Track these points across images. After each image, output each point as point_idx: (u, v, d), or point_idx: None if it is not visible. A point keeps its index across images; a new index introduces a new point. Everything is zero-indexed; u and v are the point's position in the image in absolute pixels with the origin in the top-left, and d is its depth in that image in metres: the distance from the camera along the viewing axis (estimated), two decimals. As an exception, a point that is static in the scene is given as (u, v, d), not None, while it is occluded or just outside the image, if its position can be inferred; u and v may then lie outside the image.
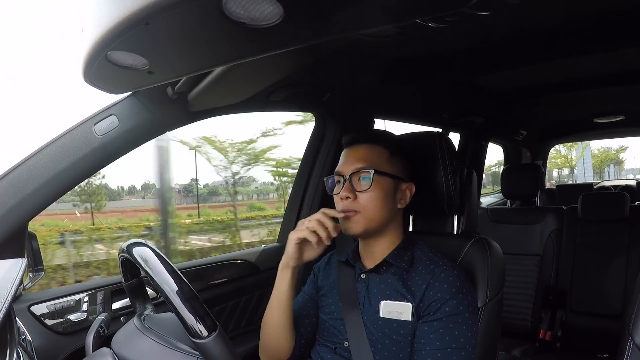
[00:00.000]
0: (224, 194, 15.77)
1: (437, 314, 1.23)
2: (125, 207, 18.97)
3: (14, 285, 0.96)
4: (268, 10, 0.77)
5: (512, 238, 3.07)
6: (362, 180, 1.33)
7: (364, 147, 1.38)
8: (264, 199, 17.46)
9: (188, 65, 1.12)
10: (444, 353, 1.20)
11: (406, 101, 2.52)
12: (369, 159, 1.35)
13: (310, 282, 1.57)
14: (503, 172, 3.37)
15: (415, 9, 0.83)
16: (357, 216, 1.32)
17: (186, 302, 0.90)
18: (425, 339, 1.23)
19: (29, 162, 1.37)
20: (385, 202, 1.34)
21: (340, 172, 1.38)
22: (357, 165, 1.34)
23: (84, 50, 0.95)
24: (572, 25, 1.61)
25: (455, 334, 1.21)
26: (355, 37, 1.32)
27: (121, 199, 22.07)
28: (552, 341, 2.84)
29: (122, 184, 26.54)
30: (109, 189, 29.39)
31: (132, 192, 26.47)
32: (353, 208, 1.32)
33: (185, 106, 1.59)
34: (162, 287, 0.93)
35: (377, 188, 1.32)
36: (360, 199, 1.32)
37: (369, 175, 1.32)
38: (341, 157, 1.42)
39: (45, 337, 1.42)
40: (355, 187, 1.33)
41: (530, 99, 2.85)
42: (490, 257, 1.41)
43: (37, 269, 1.46)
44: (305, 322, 1.48)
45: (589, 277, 2.92)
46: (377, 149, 1.38)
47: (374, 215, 1.33)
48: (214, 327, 0.90)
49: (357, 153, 1.37)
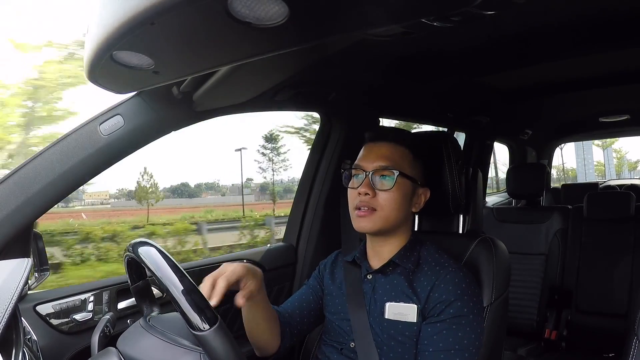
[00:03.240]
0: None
1: (441, 316, 1.23)
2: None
3: (19, 285, 0.97)
4: (273, 10, 0.77)
5: (517, 237, 3.07)
6: (383, 179, 1.31)
7: (389, 145, 1.36)
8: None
9: (193, 65, 1.12)
10: (446, 354, 1.20)
11: (412, 101, 2.51)
12: (393, 159, 1.33)
13: (314, 277, 1.57)
14: (509, 172, 3.37)
15: (421, 9, 0.83)
16: (374, 215, 1.30)
17: (187, 295, 0.90)
18: (428, 340, 1.23)
19: (34, 162, 1.37)
20: (402, 204, 1.33)
21: (362, 167, 1.34)
22: (380, 162, 1.32)
23: (90, 50, 0.95)
24: (577, 25, 1.60)
25: (458, 335, 1.21)
26: (360, 37, 1.31)
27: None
28: (558, 340, 2.84)
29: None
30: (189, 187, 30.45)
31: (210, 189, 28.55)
32: (370, 205, 1.30)
33: (191, 106, 1.59)
34: (164, 281, 0.93)
35: (398, 190, 1.30)
36: (379, 198, 1.30)
37: (392, 175, 1.30)
38: (362, 151, 1.39)
39: (50, 337, 1.43)
40: (376, 184, 1.31)
41: (536, 98, 2.84)
42: (495, 257, 1.40)
43: (43, 268, 1.47)
44: (302, 316, 1.48)
45: (594, 276, 2.92)
46: (402, 149, 1.36)
47: (390, 215, 1.31)
48: (215, 320, 0.90)
49: (381, 150, 1.35)
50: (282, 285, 2.17)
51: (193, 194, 34.28)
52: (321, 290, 1.52)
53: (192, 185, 35.20)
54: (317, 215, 2.23)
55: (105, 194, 45.22)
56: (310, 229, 2.24)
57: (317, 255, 2.19)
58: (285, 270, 2.20)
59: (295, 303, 1.51)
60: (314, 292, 1.52)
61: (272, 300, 2.09)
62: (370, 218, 1.31)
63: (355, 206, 1.33)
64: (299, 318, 1.47)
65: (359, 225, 1.33)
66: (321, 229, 2.23)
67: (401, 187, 1.31)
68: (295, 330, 1.46)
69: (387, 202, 1.30)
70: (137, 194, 22.30)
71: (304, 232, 2.25)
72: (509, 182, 3.32)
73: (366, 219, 1.31)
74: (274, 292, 2.13)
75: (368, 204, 1.30)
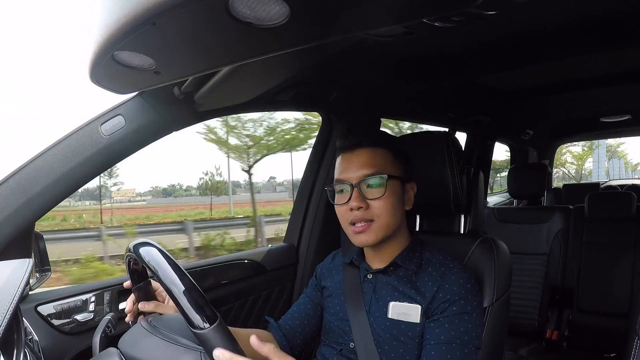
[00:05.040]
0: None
1: (444, 312, 1.23)
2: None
3: (20, 285, 0.97)
4: (274, 10, 0.77)
5: (518, 237, 3.07)
6: (372, 188, 1.26)
7: (367, 151, 1.29)
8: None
9: (195, 65, 1.12)
10: (448, 347, 1.18)
11: (413, 101, 2.51)
12: (376, 164, 1.27)
13: (311, 286, 1.56)
14: (510, 172, 3.37)
15: (422, 9, 0.83)
16: (372, 226, 1.26)
17: (187, 294, 0.90)
18: (430, 334, 1.22)
19: (35, 162, 1.37)
20: (397, 207, 1.29)
21: (345, 180, 1.28)
22: (364, 171, 1.26)
23: (91, 50, 0.95)
24: (578, 24, 1.60)
25: (460, 330, 1.20)
26: (361, 37, 1.31)
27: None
28: (559, 340, 2.84)
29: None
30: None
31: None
32: (366, 218, 1.25)
33: (192, 106, 1.59)
34: (164, 280, 0.93)
35: (390, 194, 1.25)
36: (373, 207, 1.25)
37: (380, 181, 1.25)
38: (340, 164, 1.33)
39: (52, 338, 1.43)
40: (366, 194, 1.25)
41: (537, 98, 2.84)
42: (497, 257, 1.40)
43: (44, 269, 1.47)
44: (303, 331, 1.48)
45: (595, 276, 2.92)
46: (381, 151, 1.30)
47: (389, 222, 1.27)
48: (214, 318, 0.90)
49: (361, 158, 1.28)
50: (283, 285, 2.17)
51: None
52: (320, 296, 1.51)
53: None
54: (319, 215, 2.23)
55: (132, 192, 45.85)
56: (311, 229, 2.24)
57: (318, 255, 2.18)
58: (287, 270, 2.20)
59: (295, 314, 1.51)
60: (312, 301, 1.52)
61: (274, 300, 2.11)
62: (370, 231, 1.26)
63: (349, 222, 1.28)
64: (299, 333, 1.47)
65: (359, 241, 1.29)
66: (322, 228, 2.23)
67: (392, 190, 1.27)
68: (296, 343, 1.47)
69: (382, 210, 1.25)
70: (211, 187, 26.45)
71: (305, 232, 2.25)
72: (510, 182, 3.32)
73: (365, 234, 1.26)
74: (275, 292, 2.13)
75: (363, 217, 1.25)
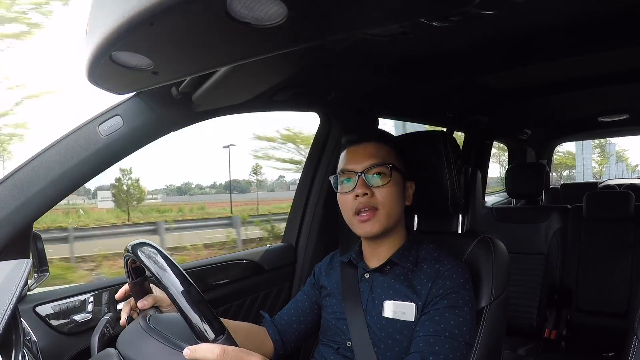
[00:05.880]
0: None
1: (435, 306, 1.23)
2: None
3: (18, 285, 0.96)
4: (272, 10, 0.77)
5: (517, 237, 3.07)
6: (377, 176, 1.31)
7: (373, 144, 1.36)
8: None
9: (192, 65, 1.11)
10: (436, 339, 1.18)
11: (411, 100, 2.51)
12: (381, 155, 1.33)
13: (309, 284, 1.57)
14: (508, 171, 3.37)
15: (420, 9, 0.83)
16: (377, 215, 1.30)
17: (194, 306, 0.90)
18: (420, 327, 1.23)
19: (33, 163, 1.36)
20: (399, 198, 1.34)
21: (351, 169, 1.34)
22: (370, 161, 1.31)
23: (89, 51, 0.95)
24: (576, 24, 1.60)
25: (451, 323, 1.20)
26: (359, 37, 1.31)
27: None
28: (557, 340, 2.84)
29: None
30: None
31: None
32: (371, 205, 1.29)
33: (190, 106, 1.59)
34: (170, 290, 0.92)
35: (394, 183, 1.31)
36: (378, 195, 1.30)
37: (385, 170, 1.31)
38: (346, 156, 1.38)
39: (50, 338, 1.42)
40: (371, 182, 1.30)
41: (535, 98, 2.84)
42: (495, 256, 1.40)
43: (42, 269, 1.46)
44: (298, 328, 1.50)
45: (594, 275, 2.92)
46: (386, 147, 1.36)
47: (392, 211, 1.31)
48: (222, 331, 0.89)
49: (367, 150, 1.35)
50: (281, 285, 2.17)
51: (244, 189, 38.53)
52: (317, 294, 1.52)
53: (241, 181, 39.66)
54: (317, 214, 2.23)
55: (144, 190, 46.67)
56: (309, 228, 2.24)
57: (316, 255, 2.19)
58: (285, 270, 2.20)
59: (291, 311, 1.52)
60: (309, 298, 1.53)
61: (272, 300, 2.11)
62: (374, 220, 1.30)
63: (354, 211, 1.31)
64: (294, 329, 1.49)
65: (364, 231, 1.32)
66: (320, 228, 2.23)
67: (396, 181, 1.32)
68: (290, 338, 1.48)
69: (386, 198, 1.30)
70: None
71: (303, 232, 2.25)
72: (508, 181, 3.33)
73: (370, 222, 1.30)
74: (274, 292, 2.13)
75: (368, 204, 1.29)
